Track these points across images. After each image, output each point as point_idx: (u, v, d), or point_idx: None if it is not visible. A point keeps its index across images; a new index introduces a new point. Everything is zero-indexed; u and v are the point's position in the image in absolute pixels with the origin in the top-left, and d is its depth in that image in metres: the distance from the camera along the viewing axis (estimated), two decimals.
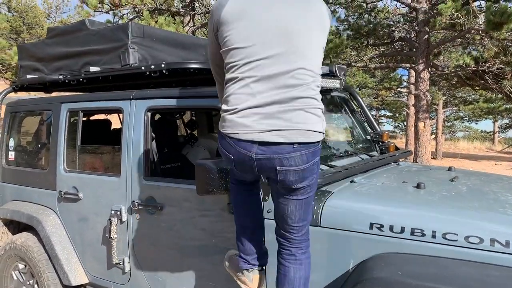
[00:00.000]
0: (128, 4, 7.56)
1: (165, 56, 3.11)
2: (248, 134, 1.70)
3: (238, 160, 1.77)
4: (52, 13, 37.78)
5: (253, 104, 1.68)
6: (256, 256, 2.02)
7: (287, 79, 1.68)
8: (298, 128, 1.68)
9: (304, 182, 1.77)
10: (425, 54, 10.70)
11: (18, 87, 3.57)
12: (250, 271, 2.02)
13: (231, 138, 1.75)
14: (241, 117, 1.71)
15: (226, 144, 1.78)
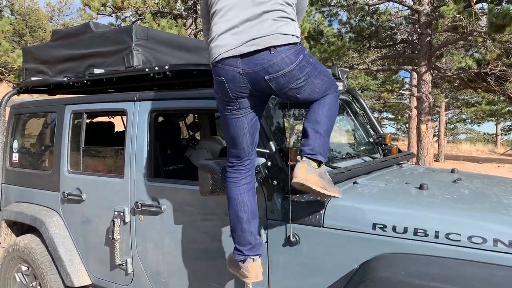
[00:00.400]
0: (130, 7, 7.60)
1: (168, 59, 3.13)
2: (229, 51, 1.88)
3: (231, 79, 1.89)
4: (54, 15, 37.92)
5: (229, 26, 1.89)
6: (250, 247, 2.05)
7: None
8: (269, 33, 1.84)
9: (299, 81, 1.89)
10: (427, 57, 10.72)
11: (22, 89, 3.59)
12: (245, 262, 2.05)
13: (217, 62, 1.92)
14: (221, 40, 1.91)
15: (215, 71, 1.94)
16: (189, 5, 8.32)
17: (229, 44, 1.88)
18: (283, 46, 1.85)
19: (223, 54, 1.89)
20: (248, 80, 1.88)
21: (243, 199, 2.04)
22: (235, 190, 2.06)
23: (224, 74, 1.90)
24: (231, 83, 1.90)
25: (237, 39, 1.87)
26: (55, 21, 37.66)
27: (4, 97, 3.59)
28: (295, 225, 2.08)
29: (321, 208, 2.05)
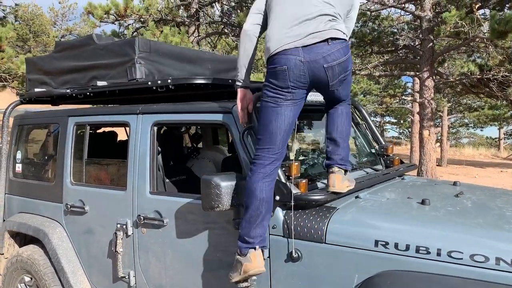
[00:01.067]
0: (133, 14, 7.63)
1: (171, 70, 3.14)
2: (291, 43, 2.09)
3: (293, 67, 2.07)
4: (58, 21, 38.12)
5: (289, 24, 2.12)
6: (261, 239, 2.11)
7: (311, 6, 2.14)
8: (326, 29, 2.10)
9: (346, 73, 2.17)
10: (429, 62, 10.71)
11: (26, 100, 3.61)
12: (247, 254, 2.09)
13: (279, 53, 2.10)
14: (282, 34, 2.12)
15: (276, 61, 2.10)
16: (191, 13, 8.36)
17: (291, 36, 2.09)
18: (338, 39, 2.11)
19: (285, 46, 2.09)
20: (307, 68, 2.07)
21: (266, 196, 2.09)
22: (260, 185, 2.08)
23: (286, 63, 2.07)
24: (292, 71, 2.07)
25: (298, 33, 2.10)
26: (58, 26, 37.85)
27: (8, 108, 3.61)
28: (297, 241, 2.09)
29: (323, 223, 2.05)
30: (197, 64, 3.37)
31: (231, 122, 2.38)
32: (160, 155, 2.89)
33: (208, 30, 9.89)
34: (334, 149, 2.28)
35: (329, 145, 2.30)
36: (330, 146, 2.30)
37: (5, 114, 3.59)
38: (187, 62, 3.29)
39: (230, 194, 2.14)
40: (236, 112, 2.35)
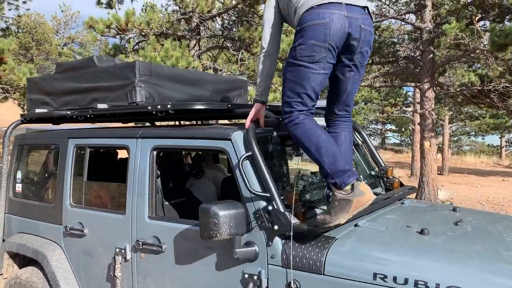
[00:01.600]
0: (134, 28, 7.68)
1: (171, 93, 3.16)
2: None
3: (335, 20, 2.07)
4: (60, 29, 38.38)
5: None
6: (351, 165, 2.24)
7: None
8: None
9: (369, 49, 2.27)
10: (430, 73, 10.72)
11: (26, 120, 3.63)
12: (355, 186, 2.06)
13: (321, 5, 2.10)
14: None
15: (315, 15, 2.09)
16: (192, 27, 8.41)
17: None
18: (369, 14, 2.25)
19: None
20: (348, 24, 2.10)
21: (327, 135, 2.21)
22: (315, 129, 2.17)
23: (330, 16, 2.08)
24: (334, 26, 2.08)
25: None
26: (60, 34, 38.11)
27: (9, 128, 3.62)
28: (296, 272, 2.08)
29: (322, 254, 2.05)
30: (198, 86, 3.39)
31: (230, 149, 2.38)
32: (159, 178, 2.89)
33: (209, 43, 9.94)
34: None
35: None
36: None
37: (6, 133, 3.60)
38: (187, 84, 3.30)
39: (229, 224, 2.14)
40: (235, 139, 2.36)
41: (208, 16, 7.98)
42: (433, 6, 10.89)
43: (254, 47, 7.72)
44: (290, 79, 2.22)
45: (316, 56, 2.12)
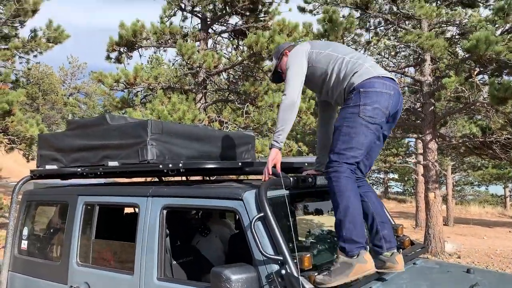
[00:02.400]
0: (142, 82, 7.89)
1: (181, 150, 3.19)
2: (389, 73, 2.52)
3: (396, 96, 2.45)
4: (67, 79, 39.37)
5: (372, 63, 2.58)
6: (366, 239, 2.26)
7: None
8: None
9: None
10: (431, 125, 10.85)
11: (36, 176, 3.64)
12: (359, 256, 2.17)
13: (380, 77, 2.43)
14: (373, 64, 2.56)
15: (383, 84, 2.41)
16: (199, 81, 8.64)
17: (380, 68, 2.51)
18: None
19: (386, 74, 2.48)
20: (400, 101, 2.48)
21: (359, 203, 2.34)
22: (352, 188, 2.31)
23: (391, 88, 2.42)
24: (395, 98, 2.44)
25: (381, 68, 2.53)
26: (67, 85, 39.04)
27: (18, 183, 3.63)
28: None
29: None
30: (207, 142, 3.43)
31: (241, 209, 2.38)
32: (168, 237, 2.87)
33: (214, 97, 10.17)
34: (389, 232, 2.45)
35: (383, 229, 2.43)
36: (385, 229, 2.44)
37: (15, 189, 3.61)
38: (197, 140, 3.35)
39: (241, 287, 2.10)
40: (247, 199, 2.36)
41: (215, 71, 8.22)
42: (432, 60, 11.20)
43: (259, 100, 7.91)
44: (347, 132, 2.37)
45: (377, 119, 2.38)
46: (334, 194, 2.31)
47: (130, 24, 8.48)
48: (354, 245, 2.19)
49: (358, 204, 2.30)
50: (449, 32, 12.03)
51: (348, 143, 2.35)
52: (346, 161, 2.34)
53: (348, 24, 10.14)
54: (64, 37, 12.40)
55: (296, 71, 2.60)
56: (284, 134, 2.53)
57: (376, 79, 2.41)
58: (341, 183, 2.30)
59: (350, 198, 2.26)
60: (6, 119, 9.80)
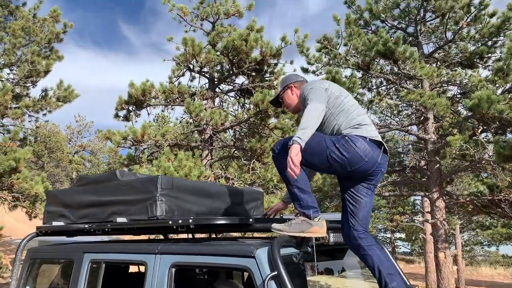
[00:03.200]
0: (150, 140, 7.99)
1: (190, 206, 3.16)
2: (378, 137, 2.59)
3: (369, 163, 2.51)
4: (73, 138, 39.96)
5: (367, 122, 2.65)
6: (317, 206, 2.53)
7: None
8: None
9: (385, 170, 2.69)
10: (438, 183, 10.79)
11: (42, 232, 3.59)
12: (319, 218, 2.47)
13: (374, 140, 2.54)
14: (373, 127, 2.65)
15: (364, 149, 2.48)
16: (205, 138, 8.75)
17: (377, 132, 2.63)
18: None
19: (379, 138, 2.57)
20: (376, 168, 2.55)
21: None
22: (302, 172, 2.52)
23: (370, 157, 2.49)
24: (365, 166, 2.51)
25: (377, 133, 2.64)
26: (73, 143, 39.56)
27: (23, 241, 3.57)
28: None
29: None
30: (216, 198, 3.40)
31: (254, 267, 2.30)
32: None
33: (220, 153, 10.27)
34: (398, 283, 2.45)
35: (392, 281, 2.44)
36: (393, 281, 2.44)
37: (19, 247, 3.54)
38: (206, 196, 3.32)
39: None
40: (260, 257, 2.29)
41: (221, 128, 8.35)
42: (435, 118, 11.36)
43: (265, 157, 7.96)
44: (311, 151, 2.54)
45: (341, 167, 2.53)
46: (281, 173, 2.57)
47: (140, 83, 8.76)
48: (312, 209, 2.49)
49: (303, 175, 2.54)
50: (450, 92, 12.30)
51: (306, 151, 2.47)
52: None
53: (350, 83, 10.42)
54: (73, 96, 12.76)
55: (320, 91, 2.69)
56: (308, 133, 2.44)
57: (364, 140, 2.50)
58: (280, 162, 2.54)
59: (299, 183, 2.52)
60: (12, 176, 9.83)
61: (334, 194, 11.41)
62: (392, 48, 9.95)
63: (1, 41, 11.33)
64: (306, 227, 2.43)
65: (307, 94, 2.69)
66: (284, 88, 3.01)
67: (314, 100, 2.59)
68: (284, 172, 2.50)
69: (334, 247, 2.68)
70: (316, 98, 2.60)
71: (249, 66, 8.35)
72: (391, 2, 11.65)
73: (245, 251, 2.38)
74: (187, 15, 9.27)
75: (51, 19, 12.79)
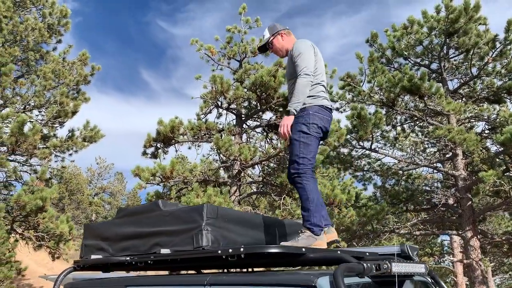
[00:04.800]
0: (178, 176, 7.95)
1: (235, 237, 3.03)
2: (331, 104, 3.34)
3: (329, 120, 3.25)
4: (93, 180, 40.36)
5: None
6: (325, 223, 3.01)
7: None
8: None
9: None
10: (471, 221, 10.41)
11: (79, 267, 3.48)
12: (321, 234, 2.92)
13: (327, 107, 3.26)
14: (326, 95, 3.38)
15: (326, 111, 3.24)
16: (234, 174, 8.69)
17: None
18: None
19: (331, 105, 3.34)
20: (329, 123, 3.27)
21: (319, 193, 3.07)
22: (315, 186, 3.03)
23: (330, 116, 3.26)
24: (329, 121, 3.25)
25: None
26: (93, 185, 39.89)
27: (60, 276, 3.45)
28: None
29: None
30: (259, 229, 3.28)
31: None
32: None
33: (248, 189, 10.17)
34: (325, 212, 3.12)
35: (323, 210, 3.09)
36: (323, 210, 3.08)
37: (57, 282, 3.42)
38: (250, 227, 3.20)
39: None
40: (321, 286, 2.14)
41: (250, 164, 8.29)
42: (464, 154, 11.12)
43: (295, 193, 7.78)
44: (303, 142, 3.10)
45: (318, 134, 3.16)
46: (304, 190, 3.01)
47: (168, 120, 8.84)
48: (319, 228, 2.91)
49: (319, 197, 3.06)
50: (477, 127, 12.11)
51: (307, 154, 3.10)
52: (308, 168, 3.07)
53: (377, 120, 10.33)
54: (99, 136, 12.95)
55: (309, 57, 3.24)
56: (299, 104, 3.14)
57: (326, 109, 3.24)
58: (309, 181, 3.03)
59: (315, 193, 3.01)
60: (38, 215, 9.84)
61: (362, 234, 11.07)
62: (418, 84, 9.91)
63: (32, 83, 11.67)
64: (312, 241, 2.85)
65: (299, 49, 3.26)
66: (275, 34, 3.51)
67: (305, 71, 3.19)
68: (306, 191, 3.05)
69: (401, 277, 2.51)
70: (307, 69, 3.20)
71: (277, 101, 8.39)
72: (413, 40, 11.73)
73: (304, 280, 2.23)
74: (215, 54, 9.49)
75: (80, 63, 13.22)
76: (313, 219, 2.94)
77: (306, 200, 3.00)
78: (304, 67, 3.20)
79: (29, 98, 11.67)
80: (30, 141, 9.95)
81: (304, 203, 3.01)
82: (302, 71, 3.19)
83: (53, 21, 12.92)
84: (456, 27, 10.96)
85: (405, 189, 12.24)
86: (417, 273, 2.63)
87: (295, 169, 3.07)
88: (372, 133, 10.71)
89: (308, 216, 2.97)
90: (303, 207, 3.02)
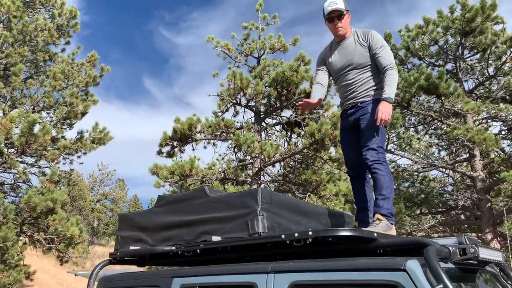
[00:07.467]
0: (197, 174, 7.73)
1: (289, 224, 2.82)
2: None
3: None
4: (95, 186, 40.04)
5: None
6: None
7: None
8: None
9: None
10: (491, 223, 10.17)
11: (116, 259, 3.24)
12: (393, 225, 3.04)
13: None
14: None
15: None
16: (254, 172, 8.46)
17: None
18: None
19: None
20: None
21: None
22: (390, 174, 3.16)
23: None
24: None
25: None
26: (95, 191, 39.56)
27: (95, 269, 3.22)
28: None
29: None
30: (312, 217, 3.06)
31: (406, 282, 1.92)
32: None
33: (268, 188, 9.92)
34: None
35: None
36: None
37: (92, 275, 3.19)
38: (303, 215, 2.98)
39: None
40: (412, 270, 1.93)
41: (272, 161, 8.06)
42: (481, 155, 10.91)
43: (321, 189, 7.58)
44: (382, 133, 3.20)
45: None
46: (384, 177, 3.06)
47: (186, 118, 8.62)
48: (392, 218, 3.03)
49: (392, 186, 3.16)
50: (494, 128, 11.92)
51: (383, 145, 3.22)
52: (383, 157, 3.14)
53: (394, 119, 10.12)
54: (108, 138, 12.73)
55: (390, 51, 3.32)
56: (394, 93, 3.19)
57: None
58: (388, 170, 3.13)
59: (390, 182, 3.12)
60: (48, 217, 9.58)
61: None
62: (436, 83, 9.72)
63: (42, 84, 11.47)
64: (390, 228, 2.95)
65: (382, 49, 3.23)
66: (348, 11, 3.36)
67: (394, 64, 3.24)
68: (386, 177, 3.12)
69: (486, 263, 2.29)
70: (390, 53, 3.28)
71: (298, 98, 8.17)
72: (428, 40, 11.57)
73: (392, 263, 2.01)
74: (232, 51, 9.31)
75: (88, 64, 13.04)
76: (391, 208, 3.04)
77: (386, 188, 3.05)
78: (393, 60, 3.26)
79: (38, 99, 11.46)
80: (40, 141, 9.72)
81: (383, 191, 3.05)
82: (392, 63, 3.23)
83: (62, 21, 12.76)
84: (472, 26, 10.79)
85: (420, 191, 12.00)
86: (497, 261, 2.41)
87: (375, 157, 3.10)
88: (388, 134, 10.49)
89: (387, 204, 3.03)
90: (381, 194, 3.05)
